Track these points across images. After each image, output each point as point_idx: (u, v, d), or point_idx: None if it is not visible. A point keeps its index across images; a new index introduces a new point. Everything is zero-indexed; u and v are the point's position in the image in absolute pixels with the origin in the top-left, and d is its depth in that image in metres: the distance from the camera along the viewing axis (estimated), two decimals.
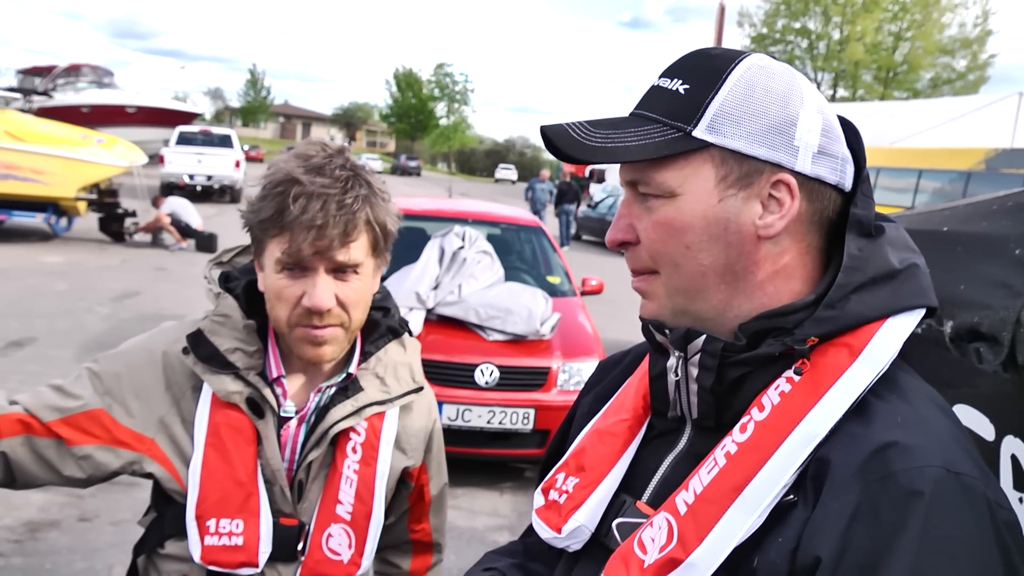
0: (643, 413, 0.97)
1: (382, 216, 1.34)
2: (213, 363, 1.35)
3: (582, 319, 5.99)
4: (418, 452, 1.53)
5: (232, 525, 1.32)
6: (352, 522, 1.39)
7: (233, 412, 1.35)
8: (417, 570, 1.65)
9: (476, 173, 75.50)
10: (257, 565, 1.33)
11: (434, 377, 5.21)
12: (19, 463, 1.33)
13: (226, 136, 24.00)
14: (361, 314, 1.38)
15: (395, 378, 1.48)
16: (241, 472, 1.34)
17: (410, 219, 7.21)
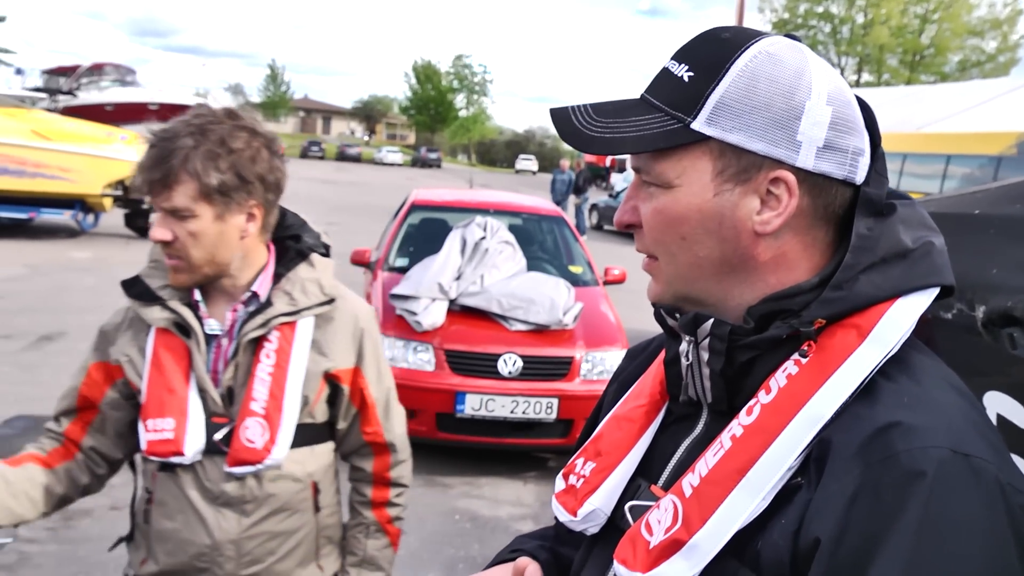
0: (660, 399, 0.97)
1: (201, 167, 1.52)
2: (144, 298, 1.66)
3: (605, 308, 5.97)
4: (342, 356, 1.72)
5: (165, 423, 1.60)
6: (265, 415, 1.62)
7: (169, 337, 1.64)
8: (379, 470, 1.84)
9: (496, 164, 75.47)
10: (183, 454, 1.60)
11: (457, 367, 5.23)
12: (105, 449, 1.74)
13: None
14: (204, 252, 1.58)
15: (303, 292, 1.69)
16: (173, 382, 1.61)
17: (431, 210, 7.23)
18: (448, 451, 5.51)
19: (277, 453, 1.63)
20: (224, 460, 1.62)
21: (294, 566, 1.72)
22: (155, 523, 1.67)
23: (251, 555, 1.66)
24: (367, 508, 1.85)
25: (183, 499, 1.64)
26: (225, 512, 1.64)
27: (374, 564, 1.85)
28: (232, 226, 1.60)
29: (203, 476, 1.63)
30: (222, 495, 1.63)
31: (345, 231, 13.32)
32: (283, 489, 1.67)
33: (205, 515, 1.63)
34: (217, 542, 1.63)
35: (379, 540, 1.85)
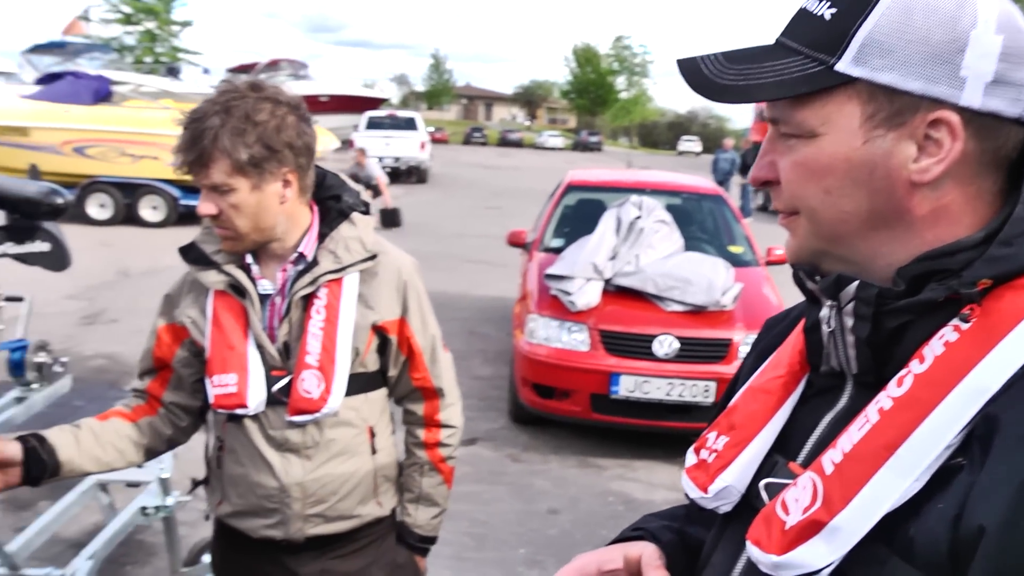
0: (799, 369, 0.89)
1: (230, 144, 1.61)
2: (200, 263, 1.78)
3: (767, 291, 5.73)
4: (388, 308, 1.83)
5: (228, 378, 1.73)
6: (320, 367, 1.74)
7: (227, 298, 1.77)
8: (429, 413, 1.95)
9: (659, 146, 74.26)
10: (247, 406, 1.73)
11: (612, 347, 5.18)
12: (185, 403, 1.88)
13: (411, 119, 24.91)
14: (248, 221, 1.69)
15: (346, 250, 1.79)
16: (233, 339, 1.75)
17: (587, 190, 7.18)
18: (602, 432, 5.48)
19: (333, 402, 1.75)
20: (285, 410, 1.75)
21: (355, 504, 1.85)
22: (227, 468, 1.83)
23: (315, 495, 1.79)
24: (420, 448, 1.96)
25: (250, 446, 1.78)
26: (289, 457, 1.78)
27: (430, 500, 1.97)
28: (269, 194, 1.70)
29: (267, 425, 1.77)
30: (286, 442, 1.77)
31: (504, 215, 13.53)
32: (341, 434, 1.80)
33: (271, 460, 1.77)
34: (284, 485, 1.77)
35: (433, 478, 1.97)
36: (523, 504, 4.65)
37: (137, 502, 3.48)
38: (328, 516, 1.82)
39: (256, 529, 1.81)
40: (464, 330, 8.12)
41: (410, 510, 1.97)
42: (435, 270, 11.05)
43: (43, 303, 8.29)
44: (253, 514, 1.81)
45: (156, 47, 35.56)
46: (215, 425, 1.86)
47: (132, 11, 35.13)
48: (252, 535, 1.82)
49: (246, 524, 1.82)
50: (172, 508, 3.41)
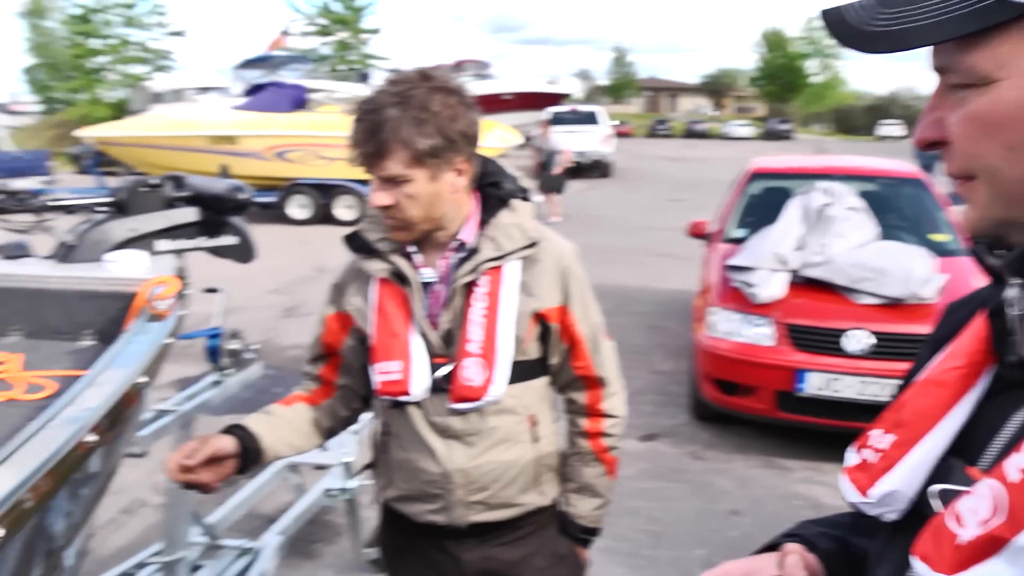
0: (982, 359, 0.75)
1: (410, 136, 1.60)
2: (363, 251, 1.80)
3: (978, 283, 5.20)
4: (549, 295, 1.79)
5: (392, 365, 1.75)
6: (482, 355, 1.74)
7: (390, 286, 1.78)
8: (592, 403, 1.91)
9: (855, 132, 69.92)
10: (410, 393, 1.74)
11: (799, 342, 4.89)
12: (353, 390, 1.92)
13: (592, 113, 24.87)
14: (421, 211, 1.69)
15: (507, 237, 1.77)
16: (396, 327, 1.76)
17: (773, 178, 6.83)
18: (788, 432, 5.18)
19: (495, 390, 1.75)
20: (447, 397, 1.75)
21: (517, 492, 1.83)
22: (392, 453, 1.85)
23: (478, 483, 1.79)
24: (583, 438, 1.93)
25: (413, 432, 1.79)
26: (452, 444, 1.78)
27: (592, 491, 1.94)
28: (444, 184, 1.70)
29: (429, 412, 1.77)
30: (448, 429, 1.77)
31: (689, 207, 13.16)
32: (503, 422, 1.79)
33: (434, 446, 1.77)
34: (446, 471, 1.77)
35: (596, 468, 1.93)
36: (703, 503, 4.48)
37: (322, 484, 3.67)
38: (490, 503, 1.81)
39: (420, 514, 1.83)
40: (645, 324, 7.98)
41: (572, 500, 1.94)
42: (616, 263, 10.95)
43: (249, 298, 8.96)
44: (417, 499, 1.83)
45: (348, 55, 37.64)
46: (380, 410, 1.90)
47: (327, 23, 37.40)
48: (416, 519, 1.84)
49: (410, 508, 1.85)
50: (354, 491, 3.55)
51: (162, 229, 2.85)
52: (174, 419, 2.89)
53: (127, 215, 2.82)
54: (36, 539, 1.20)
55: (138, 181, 2.89)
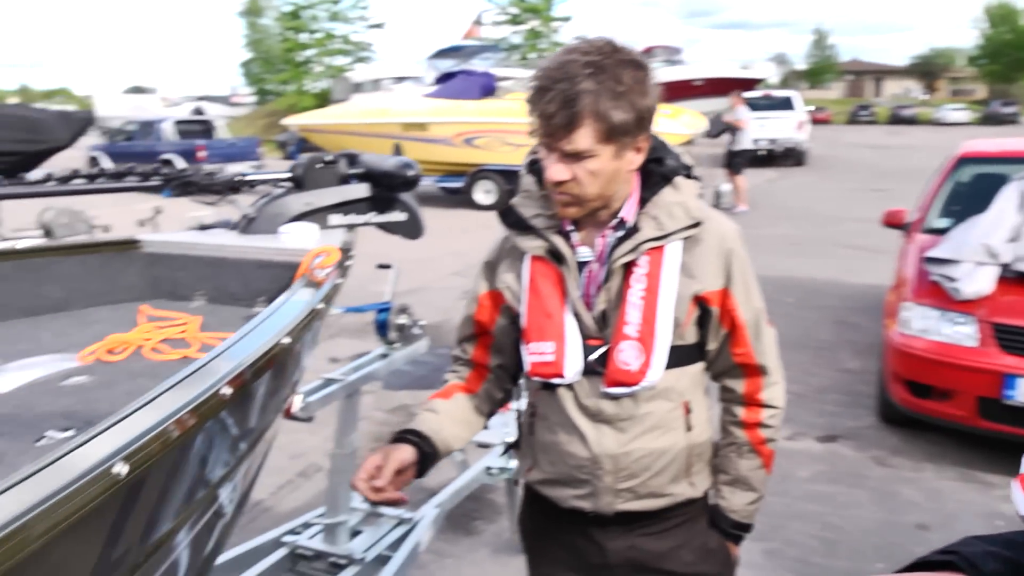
0: None
1: (609, 109, 1.51)
2: (518, 227, 1.73)
3: None
4: (711, 278, 1.71)
5: (545, 346, 1.69)
6: (639, 339, 1.65)
7: (543, 264, 1.71)
8: (750, 392, 1.81)
9: None
10: (563, 376, 1.68)
11: (1008, 345, 4.40)
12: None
13: (787, 98, 23.72)
14: (597, 189, 1.61)
15: (669, 216, 1.68)
16: (550, 307, 1.69)
17: (985, 163, 6.21)
18: (990, 443, 4.69)
19: (652, 375, 1.67)
20: (600, 380, 1.68)
21: (667, 482, 1.76)
22: (539, 435, 1.79)
23: (628, 470, 1.72)
24: (739, 428, 1.84)
25: (564, 415, 1.73)
26: (603, 428, 1.71)
27: (747, 484, 1.84)
28: (626, 161, 1.63)
29: (581, 395, 1.71)
30: (600, 413, 1.71)
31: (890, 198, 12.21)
32: (656, 408, 1.71)
33: (585, 431, 1.71)
34: (596, 456, 1.71)
35: (752, 461, 1.84)
36: (886, 514, 4.14)
37: (483, 462, 3.69)
38: (639, 492, 1.74)
39: (565, 498, 1.78)
40: (832, 319, 7.52)
41: (725, 493, 1.85)
42: (804, 255, 10.41)
43: (433, 279, 9.28)
44: (563, 483, 1.77)
45: (539, 43, 38.04)
46: (528, 391, 1.85)
47: (518, 12, 37.97)
48: (561, 504, 1.79)
49: (556, 492, 1.80)
50: (514, 471, 3.55)
51: (335, 204, 2.95)
52: (340, 388, 2.99)
53: (304, 190, 2.94)
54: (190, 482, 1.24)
55: (314, 158, 3.00)
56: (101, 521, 0.98)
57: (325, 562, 3.03)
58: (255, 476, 2.12)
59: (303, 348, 1.87)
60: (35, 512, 0.84)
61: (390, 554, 3.01)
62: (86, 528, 0.94)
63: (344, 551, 3.02)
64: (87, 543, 0.98)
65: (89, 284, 2.72)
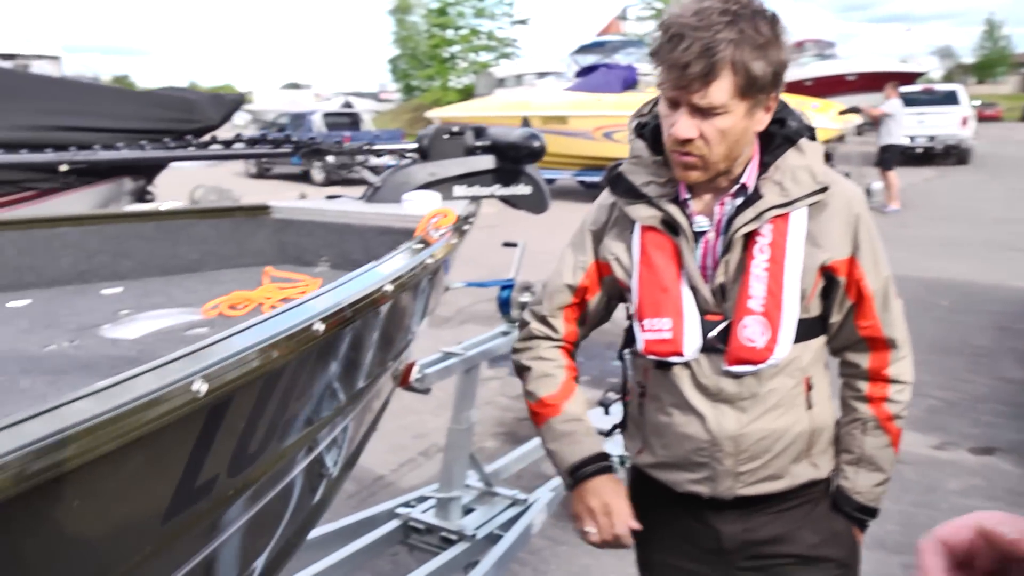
0: None
1: (750, 60, 1.41)
2: (629, 196, 1.63)
3: None
4: (838, 247, 1.59)
5: (662, 323, 1.59)
6: (764, 313, 1.55)
7: (656, 234, 1.61)
8: (876, 367, 1.69)
9: None
10: (682, 354, 1.58)
11: None
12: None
13: (951, 92, 22.17)
14: (725, 149, 1.49)
15: (794, 181, 1.56)
16: (666, 280, 1.59)
17: None
18: None
19: (779, 352, 1.57)
20: (720, 358, 1.59)
21: (788, 463, 1.66)
22: (649, 417, 1.70)
23: (748, 451, 1.62)
24: (863, 403, 1.72)
25: (679, 395, 1.63)
26: (722, 408, 1.62)
27: (873, 463, 1.72)
28: (755, 121, 1.53)
29: (699, 374, 1.61)
30: (719, 392, 1.61)
31: None
32: (779, 386, 1.61)
33: (703, 411, 1.62)
34: (715, 438, 1.62)
35: (878, 438, 1.71)
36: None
37: None
38: (759, 475, 1.64)
39: (680, 483, 1.68)
40: (993, 325, 6.94)
41: (849, 473, 1.72)
42: (962, 257, 9.71)
43: None
44: (679, 467, 1.68)
45: None
46: (635, 370, 1.75)
47: (663, 6, 37.36)
48: (675, 488, 1.69)
49: (670, 476, 1.69)
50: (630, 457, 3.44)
51: (460, 175, 2.92)
52: (458, 361, 2.98)
53: (429, 161, 2.93)
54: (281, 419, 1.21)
55: (441, 128, 2.98)
56: (182, 438, 0.97)
57: (436, 536, 3.02)
58: (363, 439, 2.10)
59: (411, 304, 1.83)
60: (108, 415, 0.82)
61: (501, 533, 2.97)
62: (166, 441, 0.93)
63: (456, 527, 3.00)
64: (168, 458, 0.97)
65: (221, 247, 2.81)
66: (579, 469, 1.70)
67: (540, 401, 1.76)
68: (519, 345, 1.84)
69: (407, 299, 1.67)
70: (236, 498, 1.18)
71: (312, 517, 1.83)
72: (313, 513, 1.82)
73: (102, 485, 0.86)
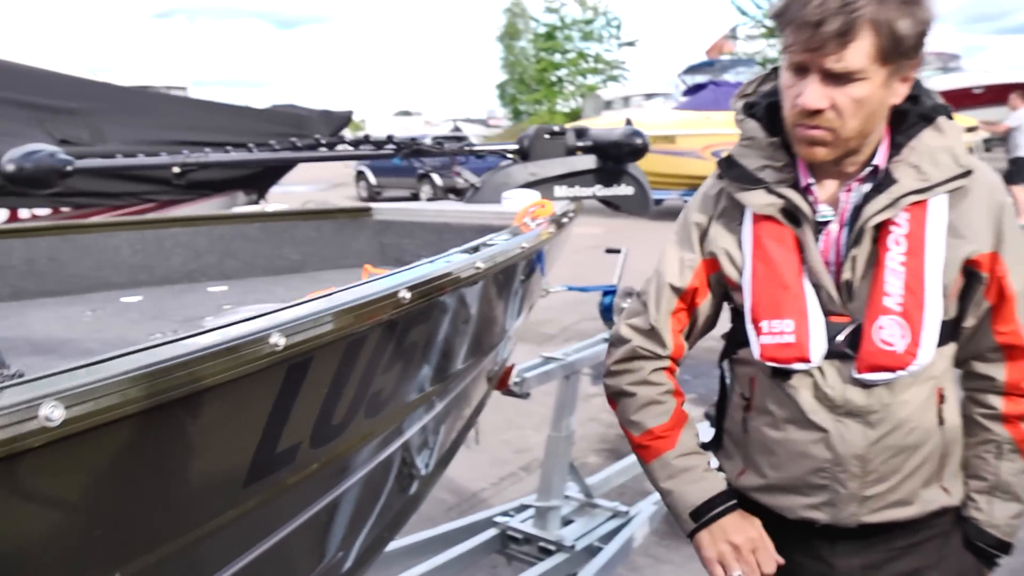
0: None
1: (895, 18, 1.25)
2: (744, 181, 1.45)
3: None
4: (981, 238, 1.40)
5: (783, 325, 1.40)
6: (904, 313, 1.36)
7: (772, 225, 1.43)
8: (1015, 379, 1.47)
9: None
10: (809, 360, 1.39)
11: None
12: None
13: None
14: (859, 123, 1.33)
15: (933, 164, 1.38)
16: (786, 277, 1.41)
17: None
18: None
19: (923, 356, 1.37)
20: (849, 365, 1.40)
21: (918, 486, 1.46)
22: (755, 433, 1.51)
23: (876, 472, 1.42)
24: (997, 423, 1.50)
25: (794, 408, 1.44)
26: (847, 423, 1.42)
27: (1009, 492, 1.50)
28: (892, 93, 1.36)
29: (823, 383, 1.41)
30: (845, 404, 1.41)
31: None
32: (911, 397, 1.41)
33: (825, 426, 1.42)
34: (840, 456, 1.42)
35: (1015, 463, 1.50)
36: None
37: None
38: (887, 499, 1.44)
39: (794, 508, 1.48)
40: None
41: (981, 503, 1.51)
42: None
43: None
44: (792, 490, 1.48)
45: None
46: (738, 379, 1.56)
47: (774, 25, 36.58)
48: (786, 515, 1.49)
49: (781, 501, 1.50)
50: None
51: (561, 175, 2.88)
52: (558, 367, 2.93)
53: (530, 161, 2.89)
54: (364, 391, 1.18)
55: (541, 128, 2.95)
56: (262, 393, 0.94)
57: (534, 546, 2.96)
58: (456, 439, 2.05)
59: (503, 293, 1.77)
60: (185, 358, 0.81)
61: (601, 546, 2.88)
62: (245, 393, 0.91)
63: (554, 537, 2.92)
64: (249, 413, 0.94)
65: (323, 248, 2.84)
66: (708, 510, 1.51)
67: (649, 432, 1.55)
68: (616, 367, 1.61)
69: (499, 284, 1.62)
70: (320, 473, 1.15)
71: (403, 513, 1.78)
72: (404, 509, 1.77)
73: (184, 428, 0.84)
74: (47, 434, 0.67)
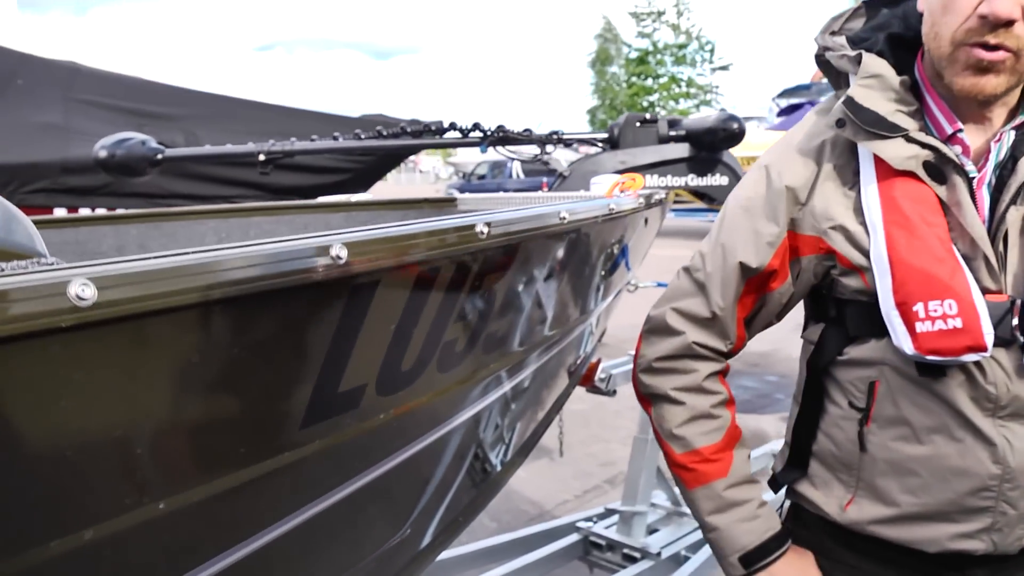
0: None
1: None
2: (879, 127, 1.16)
3: None
4: None
5: (945, 307, 1.12)
6: None
7: (906, 183, 1.17)
8: None
9: None
10: (985, 348, 1.12)
11: None
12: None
13: None
14: None
15: None
16: (937, 247, 1.15)
17: None
18: None
19: None
20: (1016, 354, 1.15)
21: None
22: (881, 451, 1.24)
23: None
24: None
25: (943, 414, 1.19)
26: (1013, 428, 1.18)
27: None
28: None
29: (981, 379, 1.17)
30: (1011, 403, 1.17)
31: None
32: None
33: (989, 434, 1.17)
34: (1009, 470, 1.17)
35: None
36: None
37: None
38: None
39: (939, 540, 1.23)
40: None
41: None
42: None
43: None
44: (940, 518, 1.22)
45: None
46: (840, 386, 1.29)
47: None
48: (924, 548, 1.24)
49: (918, 533, 1.24)
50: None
51: (652, 163, 2.76)
52: None
53: (620, 150, 2.80)
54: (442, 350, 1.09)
55: (632, 116, 2.85)
56: (323, 313, 0.87)
57: (618, 553, 2.82)
58: (535, 430, 1.93)
59: (588, 264, 1.66)
60: (241, 256, 0.75)
61: (689, 555, 2.71)
62: (303, 305, 0.83)
63: (639, 544, 2.78)
64: (310, 333, 0.87)
65: None
66: (762, 556, 1.31)
67: (696, 453, 1.32)
68: (661, 364, 1.35)
69: (584, 246, 1.51)
70: (387, 426, 1.06)
71: (479, 499, 1.67)
72: (480, 494, 1.66)
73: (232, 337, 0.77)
74: (78, 314, 0.60)
